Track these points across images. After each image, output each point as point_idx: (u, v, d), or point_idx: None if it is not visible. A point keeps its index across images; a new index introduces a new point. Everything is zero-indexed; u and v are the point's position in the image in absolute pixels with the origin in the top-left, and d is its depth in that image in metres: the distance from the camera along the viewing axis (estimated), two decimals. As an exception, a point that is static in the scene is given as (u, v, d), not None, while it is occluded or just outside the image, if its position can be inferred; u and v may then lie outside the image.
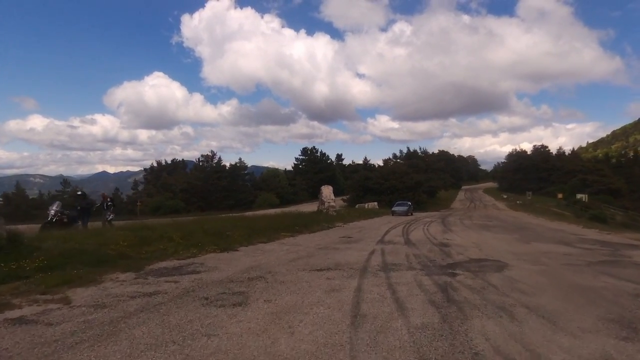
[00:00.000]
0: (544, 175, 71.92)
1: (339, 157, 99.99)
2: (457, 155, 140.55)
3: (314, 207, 29.14)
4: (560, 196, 53.27)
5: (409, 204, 36.55)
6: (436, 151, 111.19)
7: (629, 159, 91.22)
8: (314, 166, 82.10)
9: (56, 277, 5.83)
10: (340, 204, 43.33)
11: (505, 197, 68.77)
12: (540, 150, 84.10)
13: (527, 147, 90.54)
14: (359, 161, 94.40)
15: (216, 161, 60.78)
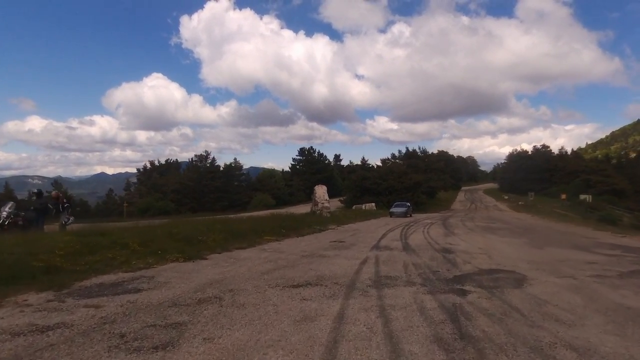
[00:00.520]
0: (545, 175, 70.47)
1: (337, 157, 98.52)
2: (457, 156, 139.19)
3: (309, 208, 27.68)
4: (563, 197, 51.87)
5: (408, 204, 35.07)
6: (435, 152, 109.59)
7: (630, 159, 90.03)
8: (311, 167, 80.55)
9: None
10: (337, 205, 41.90)
11: (506, 197, 67.37)
12: (541, 150, 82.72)
13: (526, 148, 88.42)
14: (357, 162, 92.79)
15: (210, 161, 59.20)
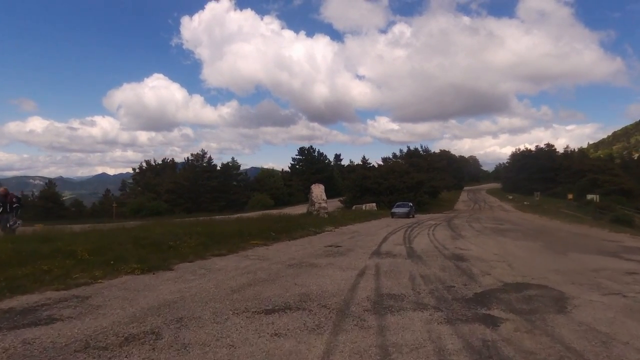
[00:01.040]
0: (550, 175, 68.86)
1: (337, 157, 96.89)
2: (458, 155, 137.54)
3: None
4: (570, 197, 50.29)
5: (411, 205, 33.55)
6: (437, 151, 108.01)
7: (633, 159, 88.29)
8: (311, 166, 79.02)
9: None
10: (336, 205, 40.47)
11: (510, 198, 65.78)
12: (545, 149, 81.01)
13: (529, 147, 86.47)
14: (358, 161, 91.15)
15: (206, 160, 57.57)
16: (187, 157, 60.10)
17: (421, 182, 44.29)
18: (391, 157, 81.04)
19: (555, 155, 78.21)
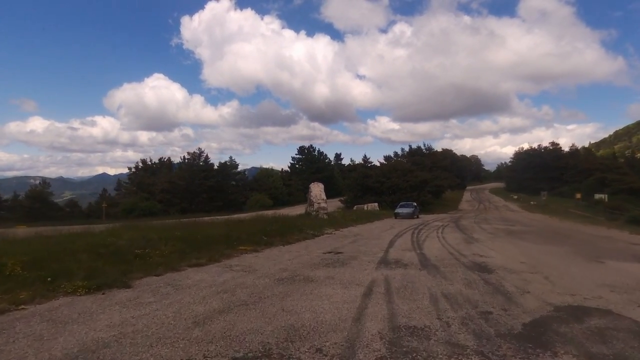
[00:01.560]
0: (555, 174, 67.27)
1: (337, 156, 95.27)
2: (460, 155, 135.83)
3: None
4: (578, 196, 48.74)
5: (415, 205, 32.04)
6: (439, 150, 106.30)
7: (636, 158, 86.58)
8: (311, 166, 77.47)
9: None
10: (336, 205, 39.00)
11: (515, 197, 64.22)
12: (549, 148, 79.36)
13: (530, 147, 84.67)
14: (359, 160, 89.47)
15: (203, 159, 55.99)
16: (184, 156, 58.63)
17: (425, 181, 42.74)
18: (392, 156, 79.50)
19: (560, 153, 76.58)
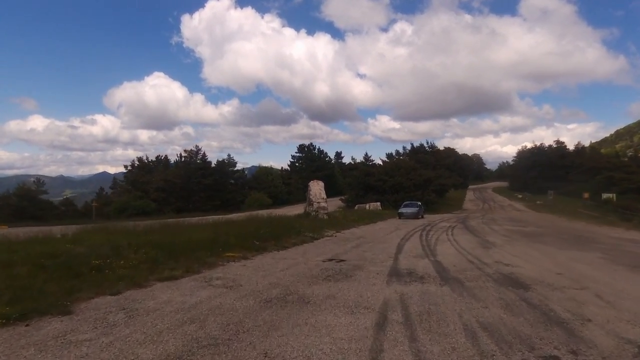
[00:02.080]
0: (561, 173, 65.79)
1: (338, 155, 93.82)
2: (462, 153, 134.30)
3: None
4: (586, 196, 47.28)
5: (419, 204, 30.66)
6: (442, 148, 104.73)
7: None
8: (311, 164, 76.06)
9: None
10: (337, 204, 37.66)
11: (520, 196, 62.75)
12: (554, 146, 77.84)
13: (532, 146, 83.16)
14: (360, 159, 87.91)
15: (200, 157, 54.57)
16: (180, 154, 57.21)
17: (429, 179, 41.34)
18: (394, 154, 78.05)
19: (565, 152, 75.03)
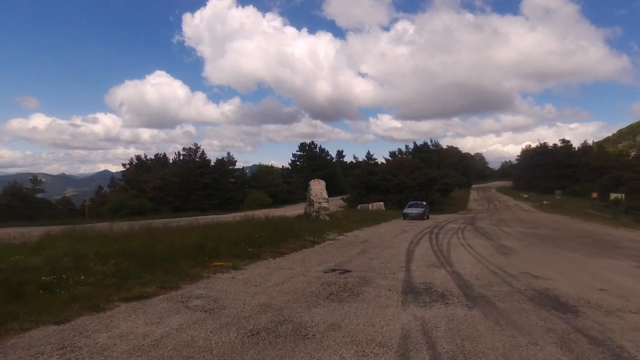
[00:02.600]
0: (567, 172, 64.53)
1: (339, 153, 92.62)
2: (464, 152, 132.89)
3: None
4: (594, 196, 46.16)
5: (425, 204, 29.50)
6: (445, 147, 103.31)
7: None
8: (312, 163, 74.85)
9: None
10: (339, 204, 36.53)
11: (525, 196, 61.58)
12: (560, 145, 76.46)
13: (533, 145, 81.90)
14: (362, 158, 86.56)
15: (199, 155, 53.33)
16: (179, 152, 55.95)
17: (433, 179, 40.19)
18: (396, 153, 76.75)
19: (571, 151, 73.69)
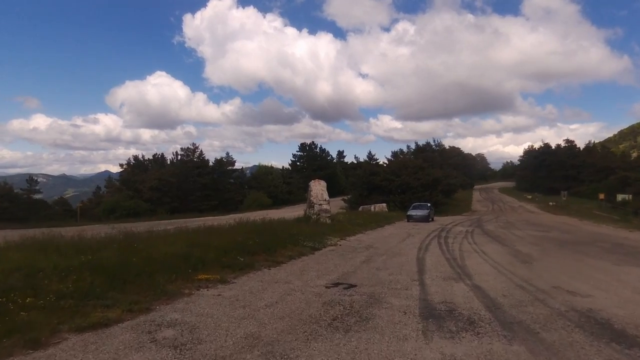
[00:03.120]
0: (572, 173, 63.48)
1: (340, 154, 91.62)
2: (466, 153, 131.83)
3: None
4: (601, 197, 45.02)
5: (429, 205, 28.44)
6: (447, 147, 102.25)
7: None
8: (312, 163, 73.88)
9: None
10: (339, 205, 35.46)
11: (530, 197, 60.43)
12: (564, 145, 75.42)
13: (535, 146, 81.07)
14: (362, 158, 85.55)
15: (197, 155, 52.34)
16: (176, 152, 54.92)
17: (437, 179, 39.16)
18: (399, 153, 75.79)
19: (576, 151, 72.60)
